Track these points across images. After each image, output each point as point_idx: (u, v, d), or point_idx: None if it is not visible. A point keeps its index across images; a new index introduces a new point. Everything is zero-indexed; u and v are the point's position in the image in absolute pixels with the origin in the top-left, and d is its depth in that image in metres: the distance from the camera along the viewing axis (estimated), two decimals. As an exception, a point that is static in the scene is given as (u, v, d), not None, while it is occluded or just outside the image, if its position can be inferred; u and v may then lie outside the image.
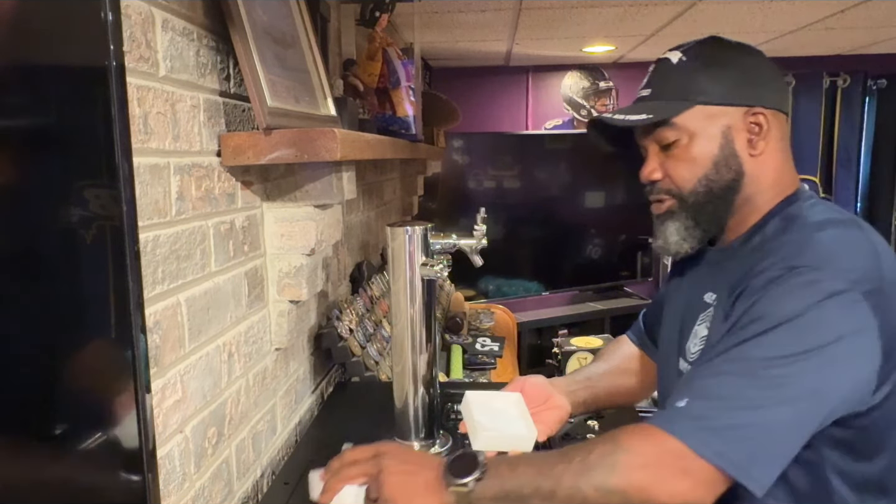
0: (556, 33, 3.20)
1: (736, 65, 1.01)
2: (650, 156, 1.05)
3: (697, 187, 1.02)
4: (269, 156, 1.02)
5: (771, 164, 1.02)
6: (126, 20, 0.78)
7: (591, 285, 4.25)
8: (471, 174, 4.02)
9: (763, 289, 0.89)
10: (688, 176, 1.02)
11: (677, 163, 1.02)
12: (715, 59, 1.01)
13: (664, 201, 1.05)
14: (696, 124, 1.00)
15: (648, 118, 1.00)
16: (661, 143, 1.03)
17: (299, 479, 1.13)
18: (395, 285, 1.25)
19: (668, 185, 1.04)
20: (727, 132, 1.00)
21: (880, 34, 3.33)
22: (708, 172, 1.01)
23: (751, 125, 1.00)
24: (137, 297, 0.76)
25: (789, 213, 1.00)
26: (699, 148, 1.00)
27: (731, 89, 1.00)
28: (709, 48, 1.03)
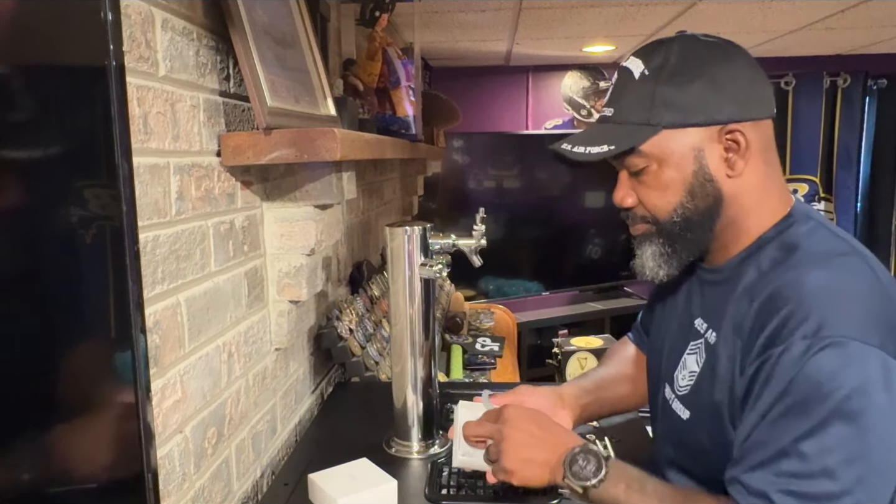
0: (556, 33, 3.20)
1: (705, 76, 0.90)
2: (621, 180, 0.98)
3: (673, 216, 0.94)
4: (269, 156, 1.02)
5: (753, 181, 0.93)
6: (126, 20, 0.78)
7: (591, 285, 4.25)
8: (471, 174, 4.02)
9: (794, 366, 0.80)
10: (661, 204, 0.94)
11: (649, 190, 0.95)
12: (680, 72, 0.90)
13: (639, 226, 0.99)
14: (664, 149, 0.91)
15: (610, 150, 0.92)
16: (630, 169, 0.95)
17: (299, 480, 1.13)
18: (395, 285, 1.25)
19: (643, 212, 0.97)
20: (699, 155, 0.91)
21: (880, 34, 3.33)
22: (683, 200, 0.93)
23: (727, 143, 0.91)
24: (137, 297, 0.75)
25: (786, 242, 0.92)
26: (670, 175, 0.92)
27: (700, 107, 0.90)
28: (674, 57, 0.91)
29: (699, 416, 0.95)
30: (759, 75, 0.94)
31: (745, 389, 0.86)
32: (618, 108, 0.95)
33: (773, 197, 0.95)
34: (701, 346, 0.97)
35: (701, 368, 0.95)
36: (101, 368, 0.73)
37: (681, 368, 1.00)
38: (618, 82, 0.96)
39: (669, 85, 0.90)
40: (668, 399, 1.02)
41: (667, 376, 1.04)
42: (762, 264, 0.91)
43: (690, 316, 1.02)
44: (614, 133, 0.93)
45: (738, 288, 0.92)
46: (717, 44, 0.94)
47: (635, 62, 0.94)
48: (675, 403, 1.00)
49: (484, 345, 2.35)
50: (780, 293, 0.85)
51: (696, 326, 0.99)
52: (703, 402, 0.94)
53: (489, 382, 2.02)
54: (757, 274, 0.91)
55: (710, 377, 0.93)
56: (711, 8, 2.65)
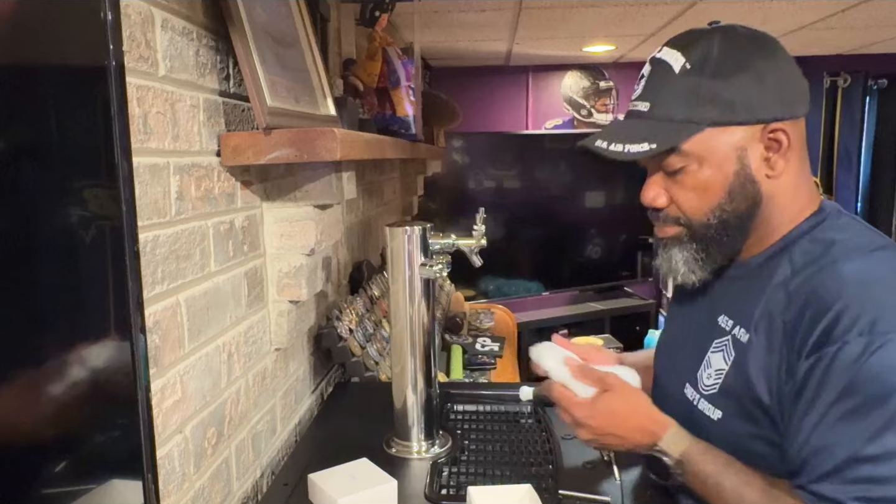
0: (556, 33, 3.20)
1: (750, 72, 0.86)
2: (653, 178, 0.93)
3: (710, 219, 0.90)
4: (268, 156, 1.02)
5: (789, 180, 0.90)
6: (126, 20, 0.78)
7: (591, 285, 4.25)
8: (471, 174, 4.02)
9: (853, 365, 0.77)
10: (698, 206, 0.90)
11: (685, 191, 0.90)
12: (725, 67, 0.86)
13: (669, 228, 0.95)
14: (706, 148, 0.87)
15: (651, 149, 0.87)
16: (667, 168, 0.91)
17: (299, 480, 1.13)
18: (395, 285, 1.25)
19: (676, 213, 0.93)
20: (742, 155, 0.88)
21: (880, 34, 3.32)
22: (722, 202, 0.89)
23: (769, 142, 0.87)
24: (137, 297, 0.75)
25: (821, 237, 0.89)
26: (710, 175, 0.88)
27: (745, 104, 0.86)
28: (717, 50, 0.87)
29: (732, 416, 0.91)
30: (797, 70, 0.90)
31: (797, 391, 0.82)
32: (656, 103, 0.90)
33: (803, 193, 0.92)
34: (728, 344, 0.93)
35: (730, 367, 0.91)
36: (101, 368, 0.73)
37: (705, 367, 0.96)
38: (653, 75, 0.91)
39: (714, 80, 0.86)
40: (692, 399, 0.97)
41: (688, 376, 0.99)
42: (795, 259, 0.88)
43: (713, 313, 0.98)
44: (653, 130, 0.88)
45: (769, 283, 0.89)
46: (757, 36, 0.90)
47: (673, 54, 0.89)
48: (701, 403, 0.95)
49: (484, 345, 2.35)
50: (826, 289, 0.82)
51: (720, 324, 0.96)
52: (736, 402, 0.90)
53: (489, 383, 2.02)
54: (790, 268, 0.88)
55: (743, 376, 0.89)
56: (711, 8, 2.65)
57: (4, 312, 0.58)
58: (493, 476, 1.14)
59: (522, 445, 1.25)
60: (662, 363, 1.11)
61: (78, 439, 0.68)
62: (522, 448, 1.24)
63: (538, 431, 1.31)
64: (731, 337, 0.93)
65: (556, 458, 1.19)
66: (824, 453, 0.79)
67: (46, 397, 0.65)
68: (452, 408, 1.42)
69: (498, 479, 1.13)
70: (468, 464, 1.19)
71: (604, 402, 0.98)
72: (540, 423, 1.34)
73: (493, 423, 1.36)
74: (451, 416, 1.39)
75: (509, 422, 1.37)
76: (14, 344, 0.60)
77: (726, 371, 0.92)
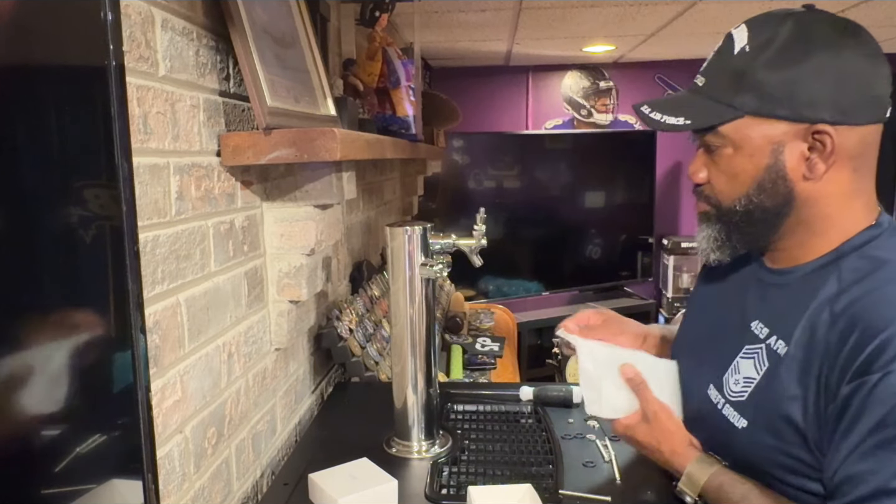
0: (556, 33, 3.20)
1: (807, 66, 0.82)
2: (697, 154, 0.94)
3: (736, 205, 0.90)
4: (268, 156, 1.02)
5: (835, 188, 0.86)
6: (126, 20, 0.78)
7: (591, 285, 4.25)
8: (471, 174, 4.02)
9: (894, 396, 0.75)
10: (727, 190, 0.90)
11: (719, 172, 0.91)
12: (782, 56, 0.82)
13: (703, 204, 0.95)
14: (743, 135, 0.86)
15: (685, 124, 0.88)
16: (706, 145, 0.91)
17: (299, 480, 1.13)
18: (395, 285, 1.25)
19: (709, 191, 0.93)
20: (777, 150, 0.85)
21: (880, 34, 3.32)
22: (749, 192, 0.88)
23: (813, 142, 0.84)
24: (137, 297, 0.75)
25: (872, 254, 0.85)
26: (742, 163, 0.87)
27: (789, 99, 0.83)
28: (783, 35, 0.83)
29: (758, 427, 0.89)
30: (876, 72, 0.84)
31: (837, 414, 0.79)
32: (709, 80, 0.90)
33: (857, 205, 0.88)
34: (760, 353, 0.90)
35: (761, 377, 0.89)
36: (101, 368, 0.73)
37: (733, 372, 0.93)
38: (719, 51, 0.90)
39: (764, 68, 0.83)
40: (715, 401, 0.96)
41: (713, 377, 0.97)
42: (844, 275, 0.85)
43: (745, 317, 0.95)
44: (697, 106, 0.89)
45: (815, 298, 0.85)
46: (838, 27, 0.84)
47: (742, 33, 0.87)
48: (725, 409, 0.93)
49: (484, 345, 2.35)
50: (873, 313, 0.79)
51: (752, 329, 0.93)
52: (765, 415, 0.88)
53: (489, 383, 2.02)
54: (837, 285, 0.84)
55: (776, 390, 0.86)
56: (711, 8, 2.65)
57: (4, 312, 0.58)
58: (493, 476, 1.14)
59: (522, 445, 1.25)
60: (684, 358, 1.06)
61: (78, 439, 0.68)
62: (522, 448, 1.24)
63: (538, 431, 1.31)
64: (766, 346, 0.90)
65: (556, 458, 1.19)
66: (855, 481, 0.77)
67: (46, 397, 0.65)
68: (452, 408, 1.42)
69: (498, 479, 1.13)
70: (468, 464, 1.19)
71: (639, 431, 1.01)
72: (540, 423, 1.34)
73: (493, 423, 1.36)
74: (451, 416, 1.40)
75: (509, 422, 1.37)
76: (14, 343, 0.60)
77: (757, 381, 0.89)
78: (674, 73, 4.22)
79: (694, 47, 3.67)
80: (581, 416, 1.37)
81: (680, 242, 4.25)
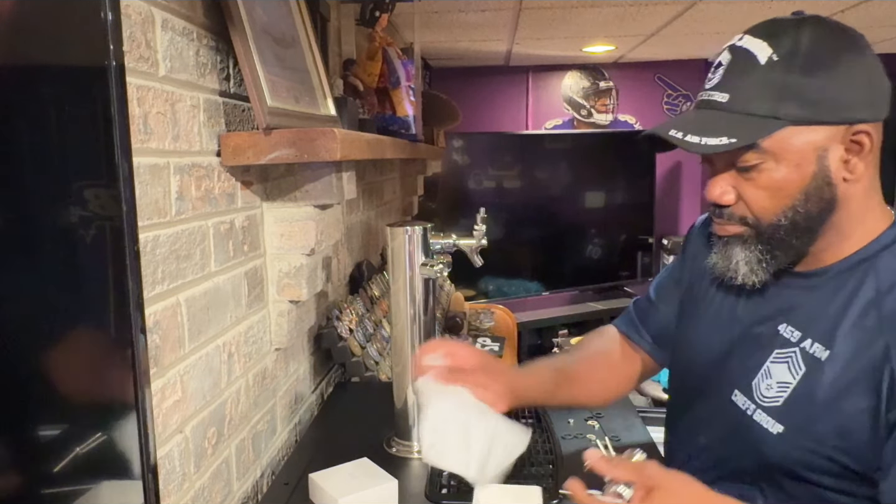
0: (556, 33, 3.20)
1: (839, 69, 0.82)
2: (720, 174, 0.88)
3: (780, 220, 0.86)
4: (268, 156, 1.02)
5: (861, 187, 0.86)
6: (126, 20, 0.78)
7: (591, 285, 4.25)
8: (471, 174, 4.02)
9: None
10: (769, 205, 0.86)
11: (757, 190, 0.86)
12: (814, 62, 0.81)
13: (732, 226, 0.90)
14: (785, 146, 0.83)
15: (731, 143, 0.82)
16: (740, 164, 0.86)
17: (299, 480, 1.13)
18: (395, 285, 1.25)
19: (743, 211, 0.88)
20: (822, 156, 0.83)
21: (880, 34, 3.32)
22: (796, 203, 0.85)
23: (850, 143, 0.84)
24: (137, 297, 0.75)
25: None
26: (786, 174, 0.84)
27: (832, 103, 0.82)
28: (806, 42, 0.82)
29: (798, 433, 0.87)
30: (882, 69, 0.86)
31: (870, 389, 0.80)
32: (735, 95, 0.85)
33: (875, 203, 0.89)
34: (794, 357, 0.89)
35: (799, 382, 0.87)
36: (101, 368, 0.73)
37: (764, 377, 0.91)
38: (733, 65, 0.86)
39: (802, 75, 0.81)
40: (744, 408, 0.93)
41: (739, 383, 0.95)
42: (882, 275, 0.85)
43: (772, 321, 0.93)
44: (731, 123, 0.84)
45: (853, 300, 0.85)
46: (846, 30, 0.85)
47: (758, 44, 0.84)
48: (758, 414, 0.91)
49: (484, 345, 2.35)
50: None
51: (782, 333, 0.91)
52: (805, 421, 0.86)
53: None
54: (876, 285, 0.85)
55: (818, 395, 0.85)
56: (711, 8, 2.65)
57: (4, 312, 0.58)
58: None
59: (522, 445, 1.25)
60: (701, 364, 1.03)
61: (78, 439, 0.68)
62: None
63: (538, 431, 1.31)
64: (800, 349, 0.89)
65: (556, 458, 1.19)
66: None
67: (46, 397, 0.65)
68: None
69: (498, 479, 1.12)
70: (468, 464, 1.19)
71: None
72: (540, 423, 1.34)
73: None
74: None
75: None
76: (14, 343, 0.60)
77: (794, 385, 0.88)
78: (674, 73, 4.22)
79: (694, 47, 3.67)
80: (581, 416, 1.37)
81: (680, 242, 4.24)
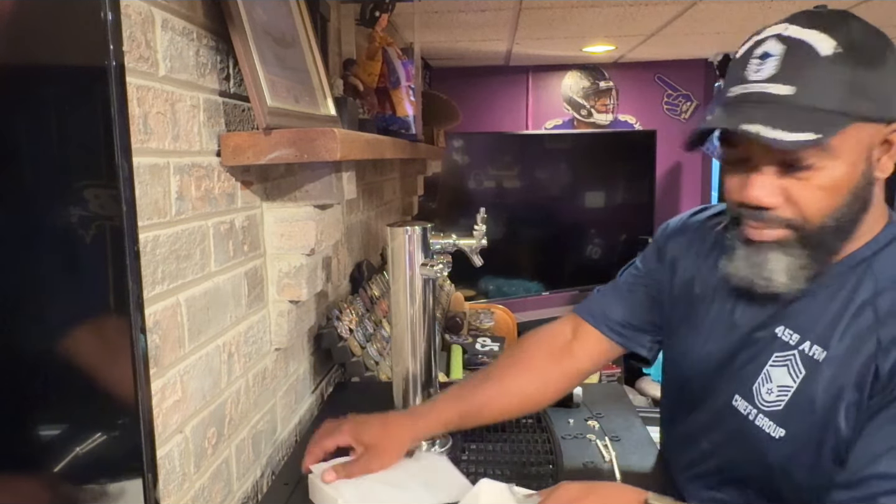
0: (556, 33, 3.20)
1: (890, 64, 0.80)
2: (765, 173, 0.83)
3: (828, 220, 0.82)
4: (268, 156, 1.02)
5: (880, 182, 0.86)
6: (126, 20, 0.78)
7: (591, 285, 4.21)
8: (471, 174, 4.02)
9: None
10: (821, 206, 0.82)
11: (807, 190, 0.81)
12: (874, 57, 0.79)
13: (773, 230, 0.85)
14: (845, 144, 0.79)
15: (817, 139, 0.76)
16: (793, 162, 0.81)
17: (299, 480, 1.13)
18: (395, 285, 1.25)
19: (789, 214, 0.83)
20: (870, 154, 0.81)
21: (880, 34, 3.32)
22: (844, 202, 0.82)
23: (884, 142, 0.82)
24: (137, 297, 0.75)
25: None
26: (843, 174, 0.80)
27: (887, 99, 0.79)
28: (860, 36, 0.80)
29: (799, 436, 0.87)
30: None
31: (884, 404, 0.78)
32: (802, 88, 0.79)
33: (880, 201, 0.88)
34: (793, 360, 0.88)
35: (798, 384, 0.87)
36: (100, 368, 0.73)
37: (764, 381, 0.90)
38: (791, 56, 0.80)
39: (867, 70, 0.78)
40: (745, 412, 0.92)
41: (739, 388, 0.94)
42: (879, 274, 0.84)
43: (769, 324, 0.92)
44: (803, 118, 0.78)
45: (852, 301, 0.84)
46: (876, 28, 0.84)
47: (815, 35, 0.79)
48: (759, 419, 0.90)
49: (484, 345, 2.35)
50: None
51: (780, 336, 0.90)
52: (806, 424, 0.86)
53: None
54: (874, 285, 0.83)
55: (817, 397, 0.85)
56: (711, 8, 2.65)
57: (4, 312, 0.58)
58: (493, 476, 1.14)
59: (522, 445, 1.25)
60: (701, 372, 1.01)
61: (78, 439, 0.68)
62: (522, 448, 1.24)
63: (538, 431, 1.31)
64: (799, 352, 0.88)
65: (556, 458, 1.19)
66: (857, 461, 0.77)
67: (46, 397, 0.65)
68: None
69: (498, 479, 1.12)
70: (468, 464, 1.19)
71: None
72: (540, 423, 1.34)
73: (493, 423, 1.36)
74: None
75: (509, 422, 1.36)
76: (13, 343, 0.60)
77: (794, 389, 0.87)
78: (674, 73, 4.22)
79: (694, 47, 3.67)
80: (581, 416, 1.37)
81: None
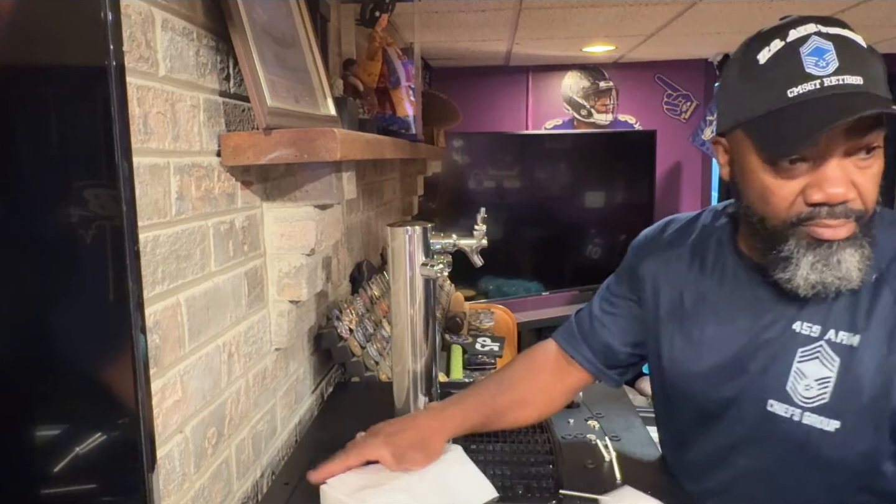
0: (556, 33, 3.20)
1: None
2: (836, 167, 0.81)
3: (875, 208, 0.85)
4: (268, 156, 1.02)
5: None
6: (126, 20, 0.78)
7: (591, 285, 4.24)
8: (471, 174, 4.02)
9: None
10: (874, 193, 0.84)
11: (867, 177, 0.82)
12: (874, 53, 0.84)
13: (843, 225, 0.83)
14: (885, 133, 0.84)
15: None
16: (867, 146, 0.81)
17: (299, 480, 1.13)
18: (395, 285, 1.25)
19: (857, 204, 0.83)
20: None
21: (880, 34, 3.32)
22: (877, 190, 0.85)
23: None
24: (137, 297, 0.75)
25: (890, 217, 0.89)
26: (882, 159, 0.84)
27: None
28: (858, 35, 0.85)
29: (855, 424, 0.86)
30: None
31: None
32: (868, 79, 0.80)
33: None
34: (823, 350, 0.88)
35: (839, 373, 0.87)
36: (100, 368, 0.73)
37: (798, 379, 0.89)
38: (845, 50, 0.81)
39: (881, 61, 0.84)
40: (787, 415, 0.91)
41: (771, 392, 0.92)
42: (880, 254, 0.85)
43: (782, 322, 0.92)
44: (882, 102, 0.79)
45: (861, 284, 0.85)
46: None
47: (847, 33, 0.83)
48: (807, 417, 0.89)
49: (484, 345, 2.35)
50: None
51: (799, 331, 0.90)
52: (858, 409, 0.86)
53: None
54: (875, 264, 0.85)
55: (864, 380, 0.85)
56: (711, 8, 2.65)
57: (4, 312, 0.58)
58: (493, 476, 1.14)
59: (522, 445, 1.25)
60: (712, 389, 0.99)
61: (78, 439, 0.68)
62: (522, 448, 1.24)
63: (538, 431, 1.31)
64: (826, 342, 0.88)
65: (556, 458, 1.19)
66: None
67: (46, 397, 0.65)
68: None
69: (498, 479, 1.13)
70: (468, 464, 1.19)
71: None
72: (540, 423, 1.34)
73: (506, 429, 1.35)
74: None
75: (509, 422, 1.36)
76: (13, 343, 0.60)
77: (835, 378, 0.87)
78: (674, 73, 4.22)
79: (694, 47, 3.67)
80: (581, 416, 1.37)
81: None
